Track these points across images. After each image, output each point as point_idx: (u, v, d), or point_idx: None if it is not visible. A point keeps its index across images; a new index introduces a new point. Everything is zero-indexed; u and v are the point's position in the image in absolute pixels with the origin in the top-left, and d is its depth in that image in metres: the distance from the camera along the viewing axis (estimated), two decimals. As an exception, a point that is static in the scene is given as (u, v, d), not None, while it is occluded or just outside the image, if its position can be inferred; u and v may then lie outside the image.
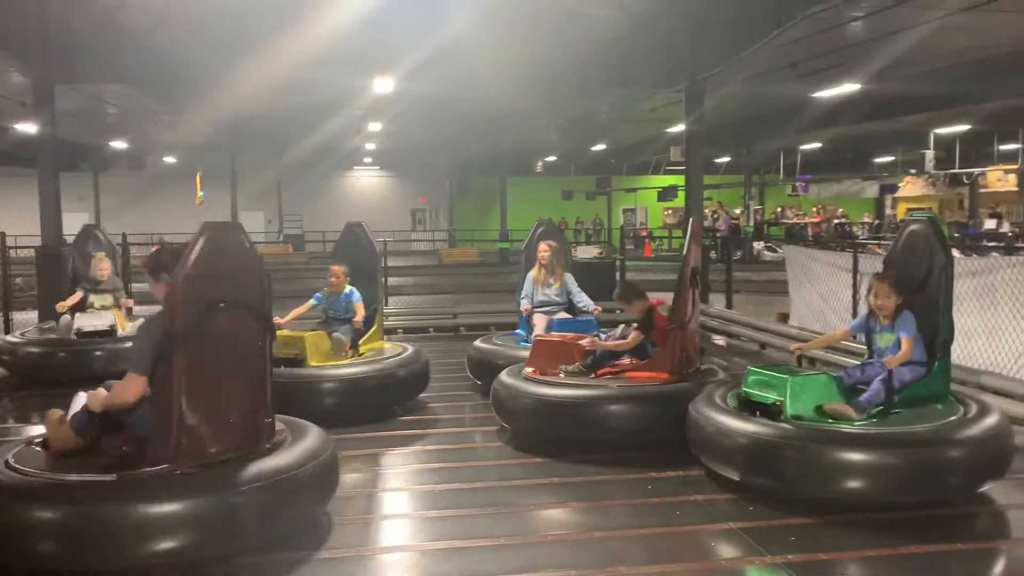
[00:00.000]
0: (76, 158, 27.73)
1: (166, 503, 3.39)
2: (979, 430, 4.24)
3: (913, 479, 4.07)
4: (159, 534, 3.36)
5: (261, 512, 3.59)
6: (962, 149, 24.40)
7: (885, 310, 4.81)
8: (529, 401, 5.35)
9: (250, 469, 3.64)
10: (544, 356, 5.79)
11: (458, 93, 17.91)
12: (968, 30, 12.04)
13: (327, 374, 6.08)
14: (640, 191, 36.47)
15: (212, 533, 3.47)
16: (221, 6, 11.83)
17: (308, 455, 3.88)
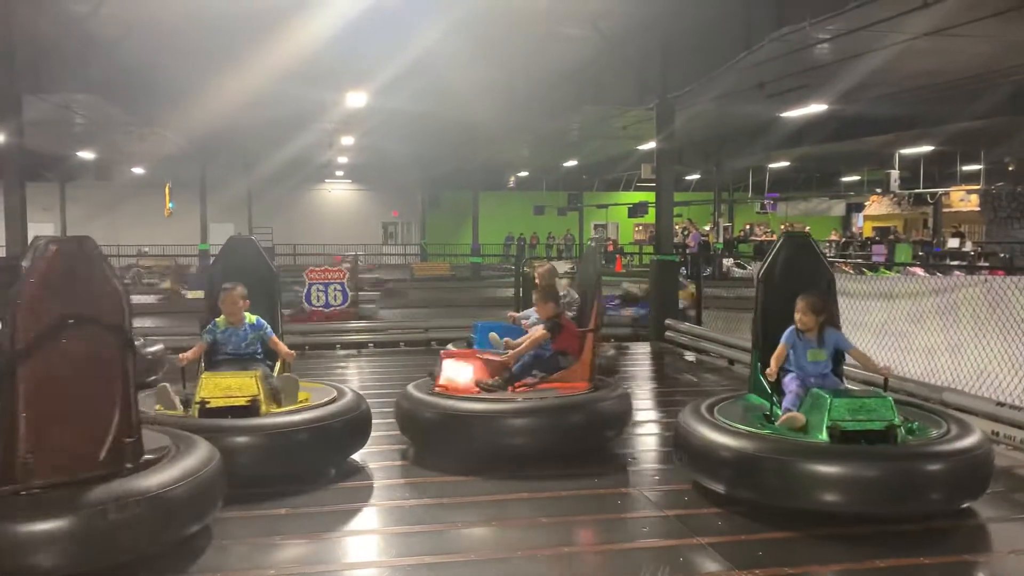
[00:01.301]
0: (42, 168, 27.31)
1: (7, 523, 3.25)
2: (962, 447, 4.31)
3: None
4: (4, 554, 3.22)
5: (114, 532, 3.42)
6: (926, 169, 24.91)
7: (806, 326, 4.98)
8: (436, 415, 5.23)
9: (103, 489, 3.46)
10: (457, 372, 5.61)
11: (431, 108, 17.94)
12: (931, 54, 12.32)
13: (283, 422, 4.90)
14: (611, 207, 36.72)
15: (60, 554, 3.31)
16: (192, 17, 11.75)
17: (182, 473, 3.72)
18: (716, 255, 25.78)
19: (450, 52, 12.79)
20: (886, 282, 7.90)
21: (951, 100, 15.80)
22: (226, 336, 5.54)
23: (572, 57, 13.81)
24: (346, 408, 5.18)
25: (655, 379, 9.51)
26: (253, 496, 4.67)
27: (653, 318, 12.00)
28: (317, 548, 4.12)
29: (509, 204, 37.53)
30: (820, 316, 4.99)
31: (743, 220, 36.24)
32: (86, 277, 3.73)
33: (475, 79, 15.19)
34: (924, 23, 9.88)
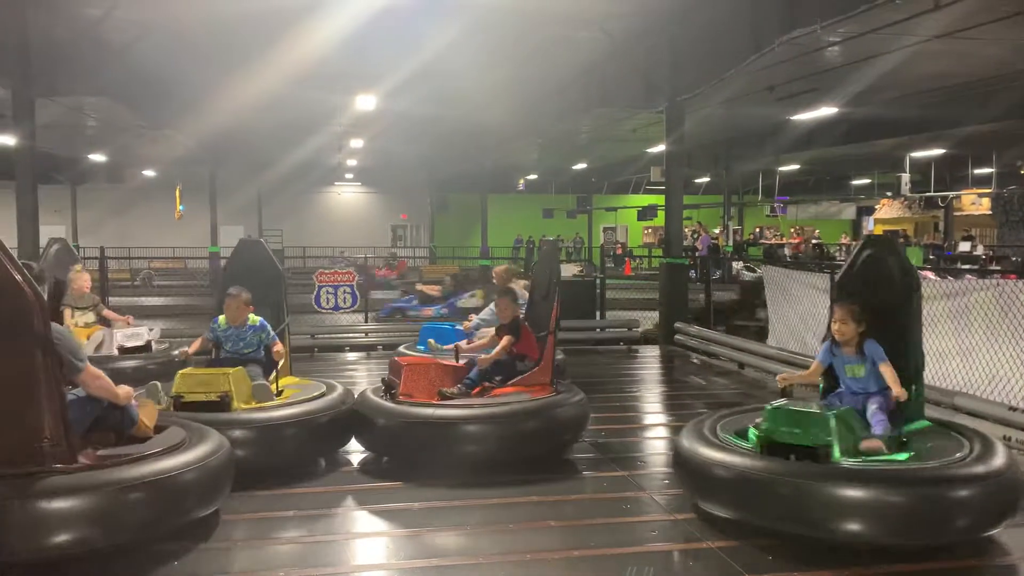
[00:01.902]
0: (53, 170, 27.46)
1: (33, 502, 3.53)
2: (989, 467, 4.00)
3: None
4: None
5: (131, 509, 3.74)
6: (937, 172, 24.78)
7: (844, 336, 4.64)
8: (393, 423, 5.19)
9: (124, 470, 3.78)
10: (418, 380, 5.54)
11: (440, 111, 17.97)
12: (943, 56, 12.27)
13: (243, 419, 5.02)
14: (620, 210, 36.67)
15: (87, 529, 3.61)
16: (204, 21, 11.80)
17: (192, 459, 4.02)
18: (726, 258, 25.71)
19: (459, 55, 12.81)
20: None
21: (963, 103, 15.73)
22: (227, 335, 5.71)
23: (581, 60, 13.82)
24: (328, 404, 5.36)
25: (664, 382, 9.50)
26: (249, 498, 4.72)
27: (663, 321, 11.98)
28: (314, 550, 4.13)
29: (518, 207, 37.52)
30: (860, 326, 4.62)
31: (753, 223, 36.13)
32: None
33: (484, 82, 15.21)
34: (936, 26, 9.84)
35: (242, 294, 5.69)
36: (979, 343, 6.43)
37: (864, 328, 4.63)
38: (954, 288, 7.05)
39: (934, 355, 6.89)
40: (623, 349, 11.27)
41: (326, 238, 35.10)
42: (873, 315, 4.66)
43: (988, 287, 6.57)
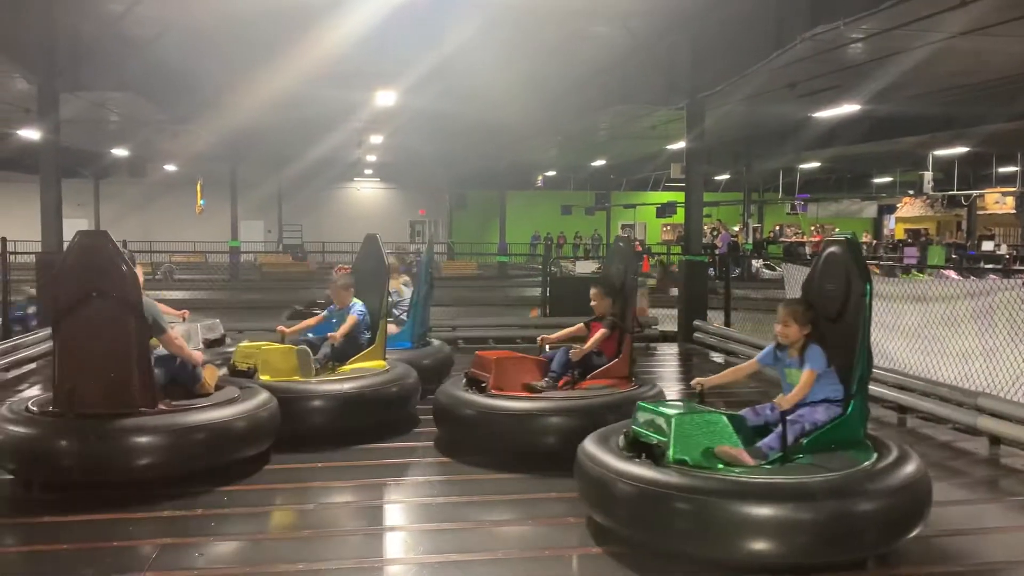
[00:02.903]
0: (77, 164, 27.73)
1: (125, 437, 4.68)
2: (894, 479, 3.82)
3: (815, 535, 3.61)
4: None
5: (195, 447, 4.81)
6: (960, 171, 24.53)
7: (788, 339, 4.31)
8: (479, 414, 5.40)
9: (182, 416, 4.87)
10: (508, 373, 5.69)
11: (459, 108, 17.97)
12: (967, 54, 12.12)
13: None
14: (639, 207, 36.57)
15: (160, 460, 4.71)
16: (225, 18, 11.86)
17: (241, 410, 5.06)
18: (745, 256, 25.58)
19: (479, 52, 12.80)
20: (919, 285, 7.80)
21: (987, 100, 15.53)
22: (334, 316, 6.64)
23: (601, 56, 13.77)
24: (362, 386, 5.98)
25: (683, 380, 9.46)
26: (277, 490, 4.86)
27: (682, 319, 11.94)
28: (347, 542, 4.16)
29: (536, 203, 37.50)
30: (805, 328, 4.28)
31: (773, 221, 35.94)
32: (104, 263, 4.80)
33: (504, 78, 15.20)
34: (960, 22, 9.71)
35: (339, 279, 6.62)
36: (1003, 343, 6.35)
37: (810, 331, 4.29)
38: (977, 288, 6.97)
39: (957, 356, 6.83)
40: (641, 346, 11.24)
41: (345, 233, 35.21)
42: (830, 319, 4.37)
43: (1013, 287, 6.49)
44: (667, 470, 3.80)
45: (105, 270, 4.77)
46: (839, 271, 4.39)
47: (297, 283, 21.07)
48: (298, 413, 5.64)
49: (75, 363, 4.77)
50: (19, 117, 17.01)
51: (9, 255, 10.11)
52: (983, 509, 4.93)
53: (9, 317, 9.91)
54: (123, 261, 4.82)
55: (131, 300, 4.79)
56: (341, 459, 5.58)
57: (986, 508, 4.96)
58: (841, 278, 4.35)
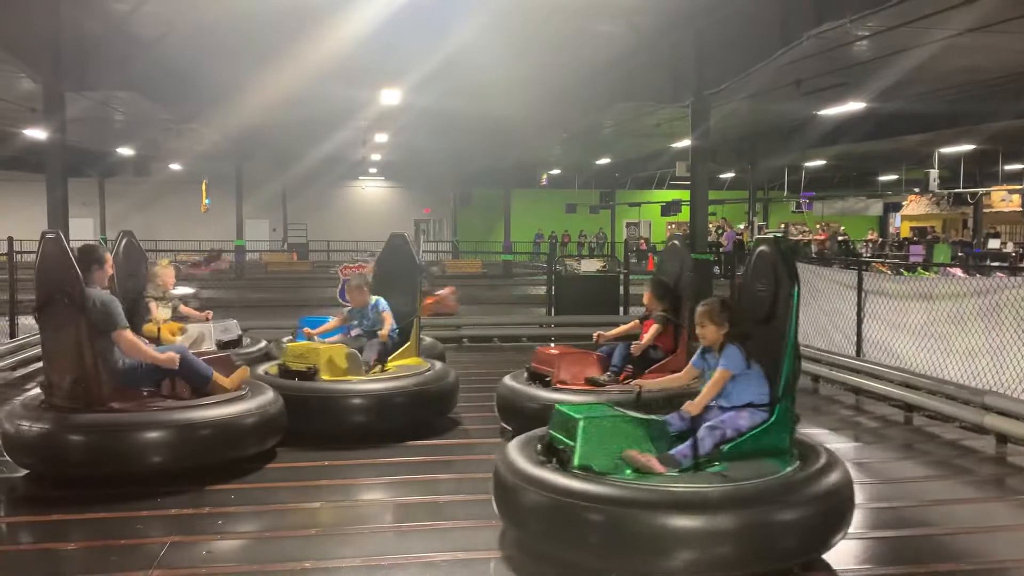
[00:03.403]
0: (82, 164, 27.78)
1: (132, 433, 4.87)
2: (811, 489, 3.67)
3: (706, 546, 3.44)
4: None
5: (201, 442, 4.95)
6: (966, 168, 24.45)
7: (706, 340, 4.22)
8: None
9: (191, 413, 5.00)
10: (572, 368, 5.94)
11: (464, 106, 17.96)
12: (973, 51, 12.08)
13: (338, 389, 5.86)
14: (644, 205, 36.52)
15: (168, 455, 4.86)
16: (231, 17, 11.88)
17: (249, 407, 5.20)
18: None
19: (483, 49, 12.80)
20: (925, 283, 7.77)
21: (993, 98, 15.49)
22: (355, 315, 6.77)
23: (606, 54, 13.75)
24: (405, 384, 6.06)
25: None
26: (306, 489, 4.91)
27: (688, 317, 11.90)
28: (385, 540, 4.18)
29: (541, 202, 37.47)
30: (723, 328, 4.15)
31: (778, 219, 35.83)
32: (59, 264, 4.97)
33: (508, 76, 15.19)
34: (967, 19, 9.69)
35: (353, 279, 6.76)
36: (1010, 341, 6.34)
37: (728, 329, 4.17)
38: (984, 286, 6.95)
39: (963, 354, 6.82)
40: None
41: (350, 232, 35.30)
42: (760, 320, 4.26)
43: (1019, 285, 6.47)
44: (568, 475, 3.65)
45: (61, 271, 4.92)
46: (768, 271, 4.29)
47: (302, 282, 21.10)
48: (363, 409, 5.83)
49: (47, 360, 5.22)
50: (25, 116, 17.06)
51: (16, 254, 10.14)
52: (990, 507, 4.92)
53: None
54: (72, 262, 4.92)
55: (76, 299, 4.87)
56: (367, 457, 5.61)
57: (993, 506, 4.95)
58: (771, 279, 4.25)
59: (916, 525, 4.41)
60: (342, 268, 12.17)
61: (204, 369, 5.26)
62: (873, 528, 4.44)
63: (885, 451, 6.18)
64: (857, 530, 4.25)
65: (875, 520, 4.59)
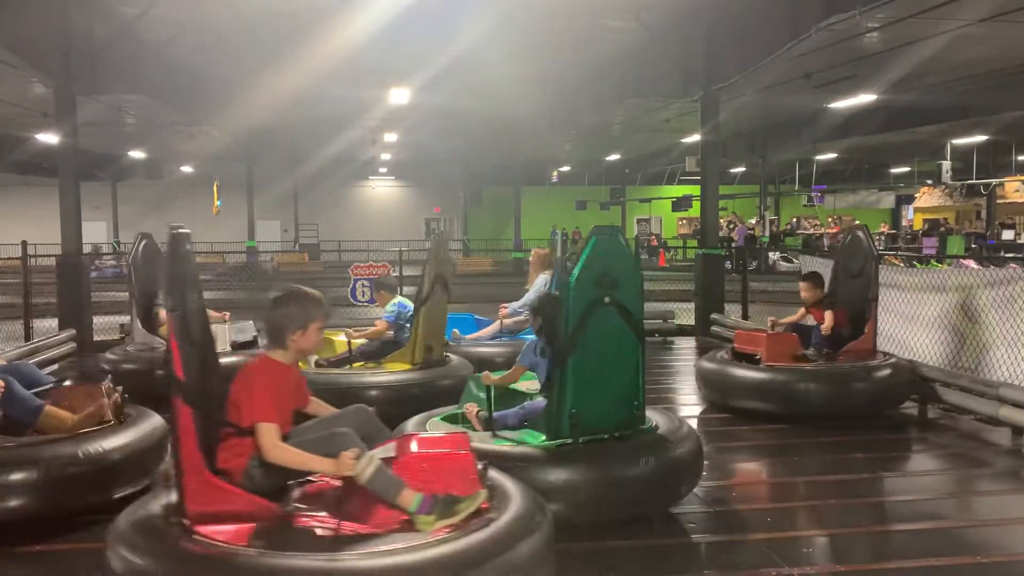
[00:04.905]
0: (94, 167, 27.99)
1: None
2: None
3: None
4: None
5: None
6: (979, 160, 24.27)
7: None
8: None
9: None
10: (777, 347, 6.60)
11: (473, 104, 17.97)
12: (986, 41, 11.99)
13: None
14: (654, 201, 36.45)
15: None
16: (239, 18, 11.93)
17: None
18: (762, 248, 25.44)
19: (492, 47, 12.80)
20: (938, 275, 7.72)
21: (1006, 88, 15.37)
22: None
23: (615, 50, 13.72)
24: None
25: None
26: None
27: (698, 313, 11.89)
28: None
29: (551, 199, 37.46)
30: (535, 323, 4.58)
31: (790, 213, 35.70)
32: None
33: (517, 74, 15.18)
34: (979, 10, 9.63)
35: (381, 286, 7.16)
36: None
37: (537, 327, 4.57)
38: (998, 277, 6.89)
39: (978, 345, 6.78)
40: (658, 341, 11.20)
41: (360, 232, 35.40)
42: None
43: (1034, 276, 6.42)
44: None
45: None
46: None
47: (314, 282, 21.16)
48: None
49: None
50: (37, 121, 17.18)
51: (30, 258, 10.21)
52: (1007, 500, 4.88)
53: None
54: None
55: None
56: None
57: (1010, 499, 4.91)
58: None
59: (931, 518, 4.38)
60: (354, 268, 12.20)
61: (31, 401, 4.37)
62: (888, 521, 4.42)
63: (900, 444, 6.15)
64: (872, 524, 4.24)
65: (890, 513, 4.57)
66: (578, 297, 4.09)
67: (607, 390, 4.16)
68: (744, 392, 6.57)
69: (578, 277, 4.10)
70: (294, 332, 3.20)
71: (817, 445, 5.87)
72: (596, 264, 4.14)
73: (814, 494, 4.90)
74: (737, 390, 6.63)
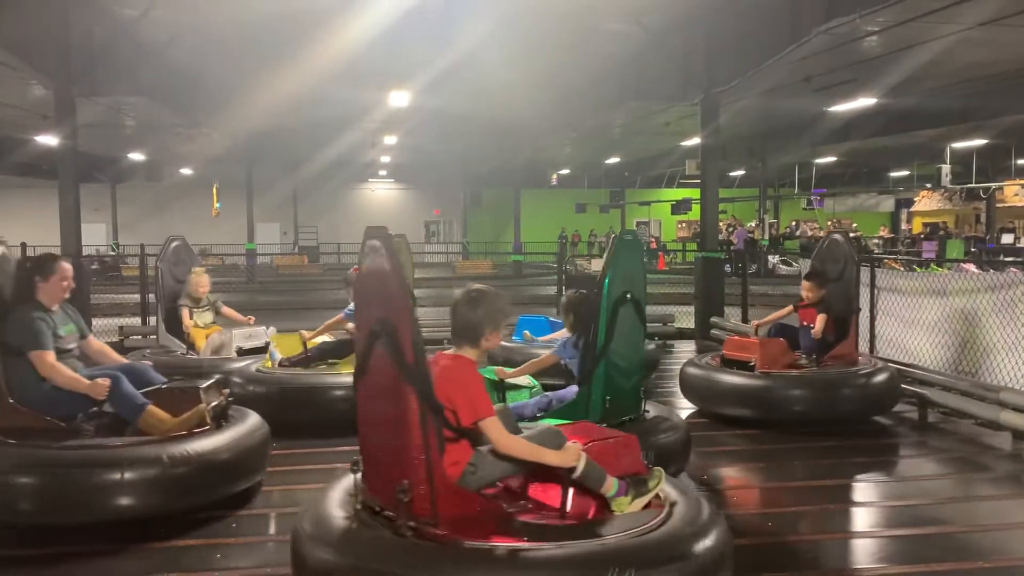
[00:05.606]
0: (94, 169, 27.96)
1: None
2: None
3: None
4: None
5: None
6: (979, 163, 24.28)
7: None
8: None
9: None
10: (770, 354, 6.48)
11: (473, 107, 17.97)
12: (985, 44, 11.99)
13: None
14: (654, 204, 36.45)
15: None
16: (238, 20, 11.92)
17: None
18: (762, 252, 25.44)
19: (492, 50, 12.80)
20: (938, 279, 7.72)
21: (1006, 92, 15.37)
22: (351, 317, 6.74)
23: (615, 53, 13.73)
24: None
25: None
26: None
27: (698, 317, 11.88)
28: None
29: (551, 202, 37.46)
30: (567, 319, 5.24)
31: (789, 216, 35.70)
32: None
33: (517, 76, 15.18)
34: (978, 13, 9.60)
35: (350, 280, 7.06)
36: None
37: (571, 323, 5.21)
38: (998, 281, 6.89)
39: (979, 350, 6.77)
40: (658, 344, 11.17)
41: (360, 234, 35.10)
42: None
43: (1035, 280, 6.42)
44: None
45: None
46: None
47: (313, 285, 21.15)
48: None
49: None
50: (36, 123, 17.16)
51: (29, 260, 10.17)
52: (1008, 504, 4.87)
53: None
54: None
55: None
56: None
57: (1011, 503, 4.90)
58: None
59: (932, 523, 4.37)
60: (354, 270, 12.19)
61: (136, 400, 4.48)
62: (889, 527, 4.41)
63: (900, 448, 6.14)
64: (873, 529, 4.23)
65: (891, 518, 4.56)
66: (611, 295, 4.53)
67: (630, 379, 4.65)
68: (736, 399, 6.43)
69: (611, 278, 4.57)
70: (489, 331, 3.24)
71: (814, 450, 5.86)
72: (622, 265, 4.63)
73: (813, 499, 4.88)
74: (726, 396, 6.49)
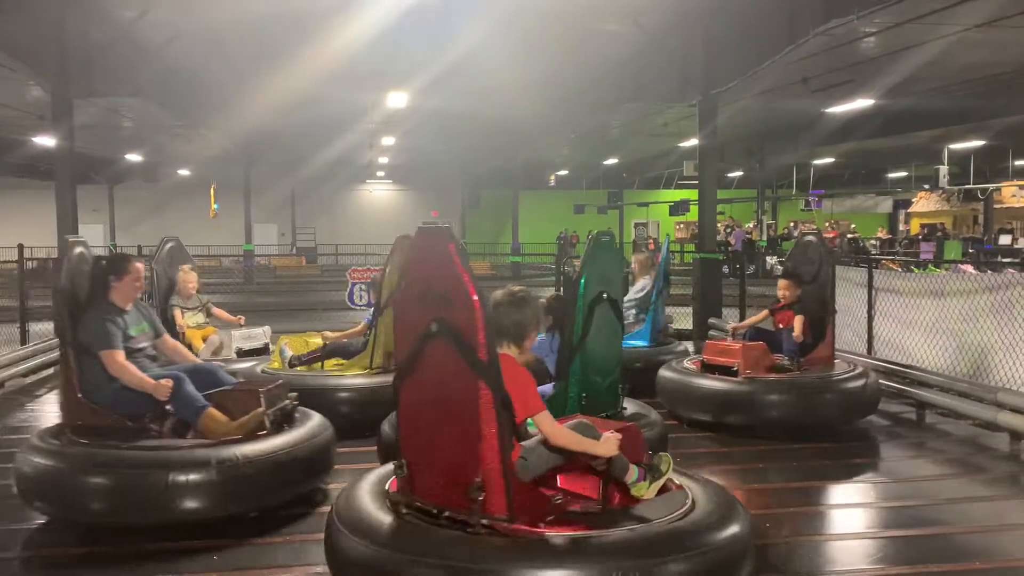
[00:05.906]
0: (91, 170, 27.91)
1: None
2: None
3: None
4: None
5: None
6: (976, 164, 24.29)
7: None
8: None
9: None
10: (752, 358, 6.36)
11: (471, 108, 17.96)
12: (983, 46, 12.00)
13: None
14: (652, 205, 36.44)
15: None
16: (236, 21, 11.90)
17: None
18: (760, 253, 25.43)
19: (491, 51, 12.79)
20: (936, 280, 7.73)
21: (1003, 93, 15.38)
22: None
23: (613, 54, 13.72)
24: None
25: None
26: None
27: (696, 318, 11.88)
28: None
29: (549, 203, 37.46)
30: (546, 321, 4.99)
31: (787, 217, 35.69)
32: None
33: (516, 77, 15.18)
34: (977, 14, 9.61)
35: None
36: (1022, 337, 6.28)
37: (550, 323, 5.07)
38: (995, 282, 6.90)
39: (976, 351, 6.77)
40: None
41: (358, 236, 35.34)
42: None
43: (1032, 281, 6.42)
44: None
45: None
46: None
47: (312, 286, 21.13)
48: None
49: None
50: (34, 124, 17.15)
51: (25, 261, 10.18)
52: (1005, 505, 4.88)
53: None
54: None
55: (60, 317, 4.59)
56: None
57: (1008, 504, 4.90)
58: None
59: (930, 524, 4.37)
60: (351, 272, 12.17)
61: (196, 402, 4.47)
62: (886, 527, 4.41)
63: (898, 449, 6.14)
64: (871, 529, 4.22)
65: (888, 519, 4.56)
66: (587, 294, 4.51)
67: (606, 376, 4.62)
68: (719, 405, 6.27)
69: (587, 278, 4.55)
70: (532, 331, 3.35)
71: (810, 451, 5.86)
72: (598, 265, 4.61)
73: (810, 500, 4.88)
74: (707, 403, 6.34)
